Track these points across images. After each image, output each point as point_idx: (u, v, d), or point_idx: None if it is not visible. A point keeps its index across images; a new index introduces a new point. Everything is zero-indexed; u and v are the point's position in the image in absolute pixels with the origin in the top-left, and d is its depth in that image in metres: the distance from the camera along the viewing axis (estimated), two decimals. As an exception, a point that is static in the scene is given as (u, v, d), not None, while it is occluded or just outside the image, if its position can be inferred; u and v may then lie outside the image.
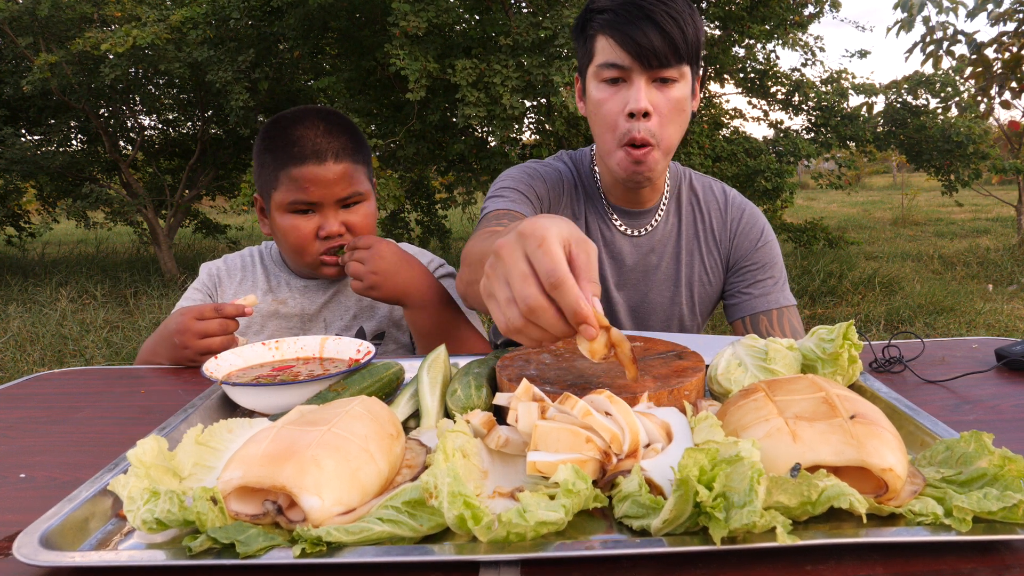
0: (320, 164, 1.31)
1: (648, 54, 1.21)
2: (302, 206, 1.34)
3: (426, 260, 1.55)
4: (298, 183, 1.32)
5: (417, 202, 7.53)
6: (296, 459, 0.60)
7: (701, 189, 1.51)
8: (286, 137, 1.33)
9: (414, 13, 5.03)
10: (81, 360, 4.55)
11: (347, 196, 1.35)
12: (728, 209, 1.50)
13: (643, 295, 1.49)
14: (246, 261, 1.53)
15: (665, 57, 1.21)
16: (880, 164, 21.11)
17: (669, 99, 1.25)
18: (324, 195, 1.33)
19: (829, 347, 0.87)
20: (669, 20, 1.21)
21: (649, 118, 1.25)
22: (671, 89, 1.25)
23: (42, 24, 6.64)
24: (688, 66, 1.25)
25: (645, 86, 1.24)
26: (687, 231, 1.49)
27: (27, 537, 0.59)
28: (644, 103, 1.23)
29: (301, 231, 1.35)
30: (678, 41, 1.21)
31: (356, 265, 1.29)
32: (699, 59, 1.28)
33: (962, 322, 4.95)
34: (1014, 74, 5.58)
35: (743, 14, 6.51)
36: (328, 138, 1.33)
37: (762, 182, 6.13)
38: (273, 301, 1.47)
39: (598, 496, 0.62)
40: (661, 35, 1.21)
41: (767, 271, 1.46)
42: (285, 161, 1.33)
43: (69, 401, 1.06)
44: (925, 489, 0.61)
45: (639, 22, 1.21)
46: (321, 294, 1.48)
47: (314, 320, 1.46)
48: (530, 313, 0.70)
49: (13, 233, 9.15)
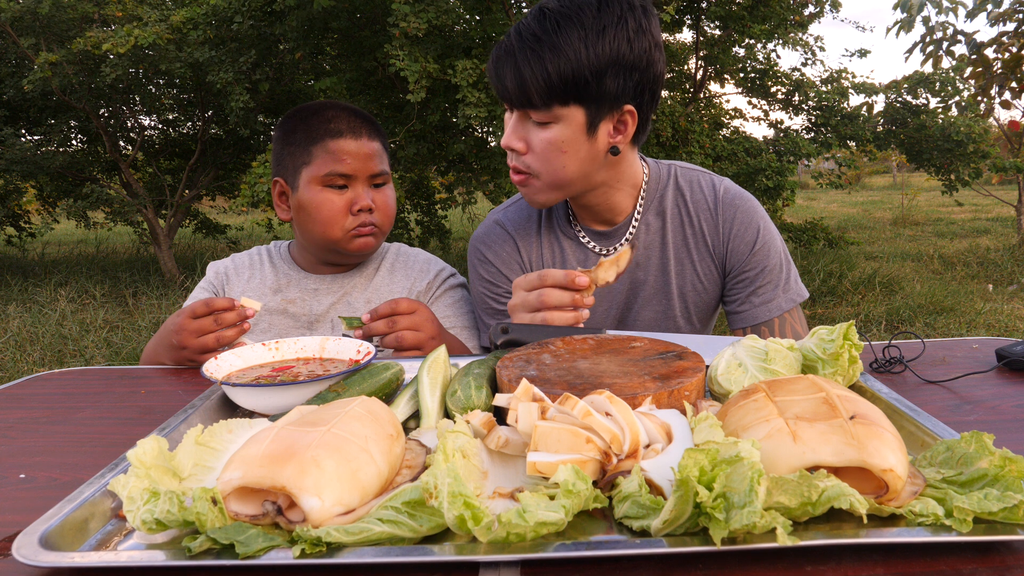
0: (357, 139, 1.38)
1: (506, 94, 1.19)
2: (338, 179, 1.38)
3: (438, 268, 1.55)
4: (335, 155, 1.37)
5: (417, 202, 7.53)
6: (296, 460, 0.60)
7: (688, 187, 1.38)
8: (319, 116, 1.40)
9: (414, 14, 5.03)
10: (81, 360, 4.55)
11: (378, 173, 1.41)
12: (719, 209, 1.36)
13: (634, 313, 1.40)
14: (254, 259, 1.54)
15: (524, 99, 1.16)
16: (880, 164, 21.11)
17: (541, 139, 1.19)
18: (359, 168, 1.38)
19: (830, 347, 0.87)
20: (533, 61, 1.13)
21: (519, 155, 1.23)
22: (544, 130, 1.19)
23: (43, 24, 6.64)
24: (575, 106, 1.16)
25: (518, 123, 1.21)
26: (674, 238, 1.37)
27: (27, 537, 0.59)
28: (507, 139, 1.22)
29: (335, 204, 1.38)
30: (535, 83, 1.13)
31: (411, 336, 1.23)
32: (607, 94, 1.16)
33: (962, 322, 4.95)
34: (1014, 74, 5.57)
35: (743, 14, 6.51)
36: (358, 118, 1.42)
37: (763, 180, 6.13)
38: (282, 300, 1.47)
39: (598, 496, 0.62)
40: (516, 78, 1.15)
41: (766, 275, 1.35)
42: (322, 135, 1.38)
43: (69, 401, 1.06)
44: (926, 490, 0.61)
45: (503, 62, 1.17)
46: (330, 295, 1.48)
47: (322, 320, 1.46)
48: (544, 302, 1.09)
49: (13, 233, 9.14)
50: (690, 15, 7.06)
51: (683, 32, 7.80)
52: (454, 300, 1.50)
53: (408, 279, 1.51)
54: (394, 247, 1.58)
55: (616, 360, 0.91)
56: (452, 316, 1.47)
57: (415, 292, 1.50)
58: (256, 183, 5.22)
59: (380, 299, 1.48)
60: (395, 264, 1.54)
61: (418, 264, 1.54)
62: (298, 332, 1.46)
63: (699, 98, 7.76)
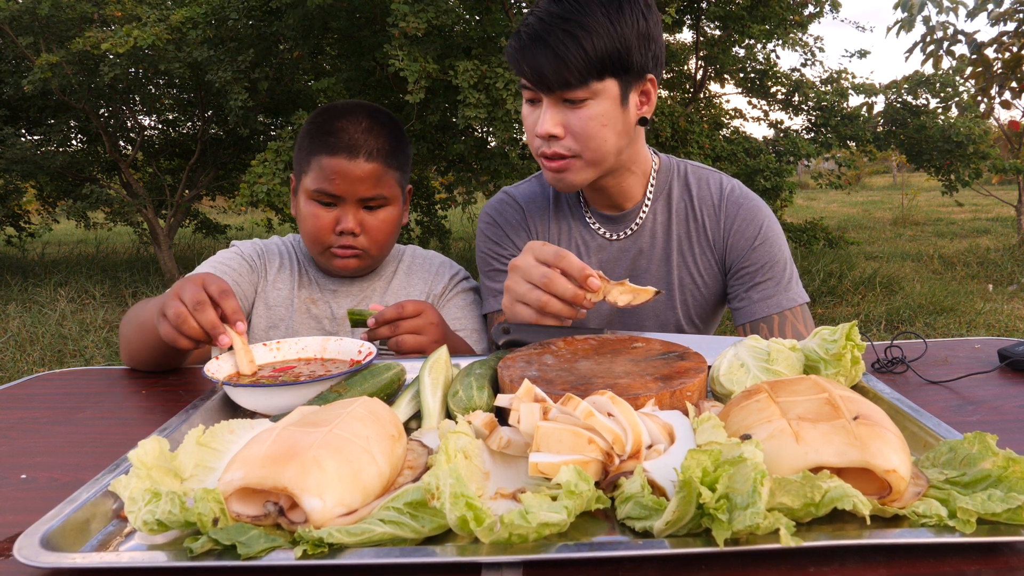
0: (351, 160, 1.33)
1: (542, 79, 1.20)
2: (326, 197, 1.35)
3: (452, 271, 1.54)
4: (325, 173, 1.33)
5: (417, 202, 7.54)
6: (298, 460, 0.60)
7: (696, 184, 1.42)
8: (328, 125, 1.35)
9: (413, 14, 5.02)
10: (81, 360, 4.55)
11: (371, 197, 1.36)
12: (723, 206, 1.40)
13: None
14: (282, 250, 1.52)
15: (563, 80, 1.19)
16: (880, 164, 21.11)
17: (580, 118, 1.22)
18: (347, 191, 1.34)
19: (832, 348, 0.87)
20: (567, 41, 1.16)
21: (558, 140, 1.24)
22: (582, 108, 1.22)
23: (43, 24, 6.64)
24: (610, 79, 1.21)
25: (553, 108, 1.23)
26: (678, 230, 1.41)
27: (28, 538, 0.59)
28: (546, 127, 1.23)
29: (320, 220, 1.36)
30: (575, 61, 1.17)
31: (411, 340, 1.21)
32: (635, 65, 1.22)
33: (962, 322, 4.95)
34: (1014, 74, 5.57)
35: (743, 14, 6.51)
36: (367, 135, 1.34)
37: (761, 181, 6.13)
38: (306, 299, 1.46)
39: (600, 497, 0.61)
40: (554, 59, 1.17)
41: (766, 272, 1.36)
42: (319, 149, 1.34)
43: (70, 402, 1.06)
44: (929, 490, 0.61)
45: (534, 47, 1.19)
46: (349, 297, 1.48)
47: (343, 323, 1.46)
48: (547, 284, 1.00)
49: (13, 233, 9.13)
50: (690, 15, 7.07)
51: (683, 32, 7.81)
52: (466, 303, 1.50)
53: (425, 282, 1.52)
54: (409, 250, 1.58)
55: (618, 361, 0.91)
56: (463, 318, 1.47)
57: (431, 295, 1.50)
58: (255, 182, 5.22)
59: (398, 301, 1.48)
60: (412, 267, 1.54)
61: (434, 267, 1.54)
62: (320, 331, 1.45)
63: (699, 98, 7.76)
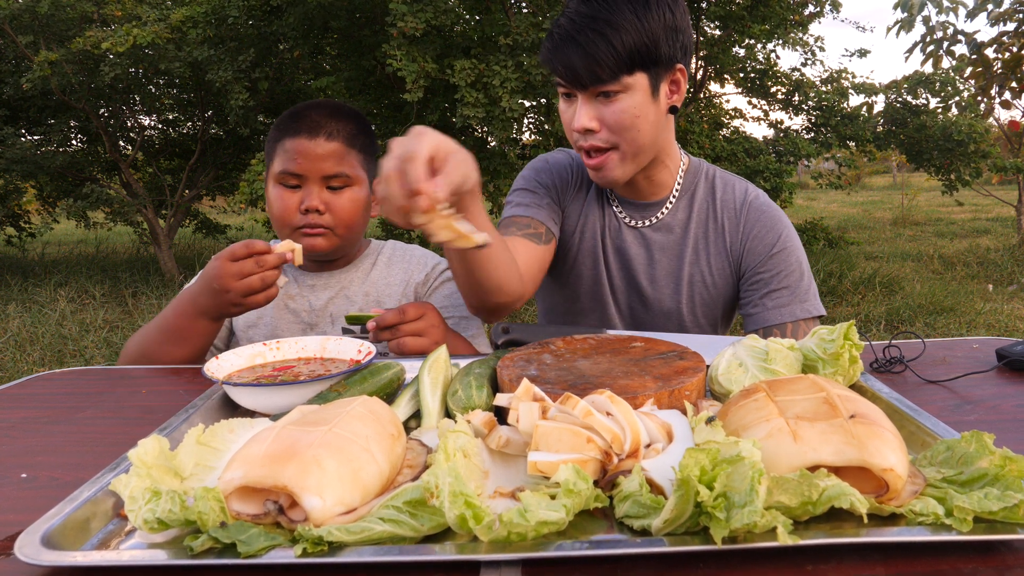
0: (312, 139, 1.36)
1: (575, 77, 1.24)
2: (290, 178, 1.37)
3: (435, 261, 1.56)
4: (288, 154, 1.36)
5: (416, 202, 7.53)
6: (297, 459, 0.60)
7: (722, 188, 1.47)
8: (292, 113, 1.40)
9: (412, 14, 5.03)
10: (81, 360, 4.55)
11: (333, 175, 1.38)
12: (744, 211, 1.43)
13: (645, 288, 1.46)
14: None
15: (594, 76, 1.23)
16: (880, 164, 21.11)
17: (614, 111, 1.26)
18: (310, 169, 1.36)
19: (830, 347, 0.87)
20: (596, 39, 1.21)
21: (594, 133, 1.29)
22: (615, 102, 1.26)
23: (42, 23, 6.64)
24: (639, 73, 1.25)
25: (587, 103, 1.28)
26: (696, 229, 1.45)
27: (29, 537, 0.59)
28: (581, 122, 1.28)
29: (285, 202, 1.38)
30: (605, 58, 1.21)
31: (413, 342, 1.20)
32: (663, 57, 1.26)
33: (962, 322, 4.95)
34: (1014, 74, 5.57)
35: (743, 14, 6.51)
36: (329, 119, 1.38)
37: (761, 182, 6.14)
38: (284, 296, 1.48)
39: (599, 496, 0.62)
40: (585, 58, 1.22)
41: (782, 280, 1.38)
42: (283, 133, 1.39)
43: (71, 401, 1.06)
44: (926, 489, 0.61)
45: (566, 47, 1.24)
46: (327, 290, 1.49)
47: (321, 315, 1.47)
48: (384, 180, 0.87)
49: (13, 233, 9.13)
50: (690, 15, 7.06)
51: (683, 32, 7.79)
52: (451, 291, 1.52)
53: (405, 272, 1.53)
54: (390, 243, 1.60)
55: (617, 360, 0.91)
56: (450, 307, 1.49)
57: (412, 284, 1.52)
58: (255, 180, 5.23)
59: (378, 292, 1.49)
60: (392, 258, 1.55)
61: (415, 258, 1.56)
62: (299, 327, 1.47)
63: (699, 98, 7.76)
